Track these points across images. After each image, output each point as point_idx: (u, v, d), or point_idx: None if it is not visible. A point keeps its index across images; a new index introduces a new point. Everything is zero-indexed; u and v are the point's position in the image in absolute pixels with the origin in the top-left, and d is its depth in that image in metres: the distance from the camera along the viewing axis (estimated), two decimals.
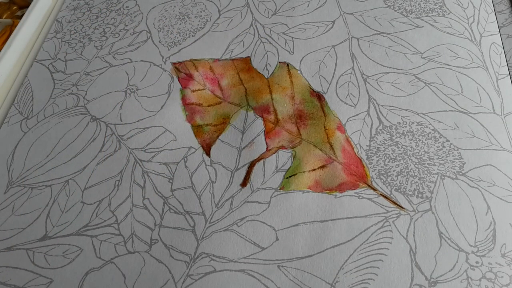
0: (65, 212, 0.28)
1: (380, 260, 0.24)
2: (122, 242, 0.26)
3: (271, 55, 0.33)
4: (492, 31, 0.33)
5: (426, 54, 0.32)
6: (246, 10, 0.37)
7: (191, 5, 0.38)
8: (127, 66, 0.35)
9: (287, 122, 0.30)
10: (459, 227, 0.25)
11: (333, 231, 0.25)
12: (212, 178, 0.28)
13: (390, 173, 0.27)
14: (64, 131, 0.31)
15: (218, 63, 0.34)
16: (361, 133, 0.29)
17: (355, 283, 0.23)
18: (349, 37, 0.34)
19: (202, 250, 0.25)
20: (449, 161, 0.27)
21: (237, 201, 0.27)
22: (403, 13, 0.34)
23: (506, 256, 0.24)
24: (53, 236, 0.27)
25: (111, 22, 0.38)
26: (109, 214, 0.27)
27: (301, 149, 0.28)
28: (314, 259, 0.24)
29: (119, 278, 0.25)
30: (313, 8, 0.36)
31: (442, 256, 0.24)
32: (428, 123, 0.29)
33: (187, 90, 0.32)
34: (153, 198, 0.28)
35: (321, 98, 0.31)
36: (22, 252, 0.26)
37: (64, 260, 0.26)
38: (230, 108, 0.31)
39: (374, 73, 0.31)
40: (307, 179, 0.27)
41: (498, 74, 0.30)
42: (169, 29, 0.37)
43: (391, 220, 0.25)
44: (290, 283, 0.24)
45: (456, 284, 0.23)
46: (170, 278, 0.25)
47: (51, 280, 0.25)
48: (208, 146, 0.29)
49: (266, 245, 0.25)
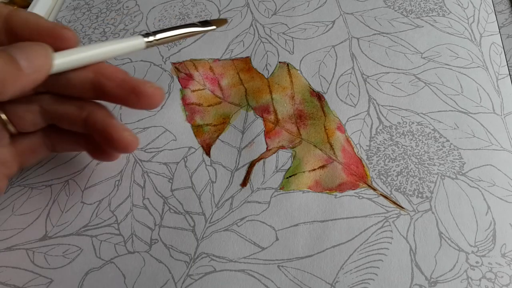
0: (65, 212, 0.28)
1: (380, 260, 0.24)
2: (122, 242, 0.26)
3: (271, 55, 0.33)
4: (492, 31, 0.33)
5: (426, 54, 0.32)
6: (246, 10, 0.37)
7: (191, 5, 0.38)
8: (127, 66, 0.35)
9: (287, 122, 0.30)
10: (459, 227, 0.25)
11: (333, 231, 0.25)
12: (212, 178, 0.28)
13: (390, 173, 0.27)
14: None
15: (218, 63, 0.34)
16: (361, 133, 0.29)
17: (355, 283, 0.23)
18: (349, 37, 0.34)
19: (202, 250, 0.25)
20: (449, 161, 0.27)
21: (237, 201, 0.27)
22: (403, 13, 0.34)
23: (506, 256, 0.24)
24: (53, 236, 0.27)
25: (111, 22, 0.38)
26: (109, 214, 0.27)
27: (301, 149, 0.28)
28: (314, 259, 0.24)
29: (119, 278, 0.25)
30: (313, 8, 0.36)
31: (442, 256, 0.24)
32: (428, 123, 0.29)
33: (187, 90, 0.32)
34: (153, 198, 0.28)
35: (321, 98, 0.31)
36: (22, 252, 0.26)
37: (64, 260, 0.26)
38: (230, 108, 0.31)
39: (374, 73, 0.31)
40: (307, 179, 0.27)
41: (498, 74, 0.30)
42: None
43: (391, 220, 0.25)
44: (290, 283, 0.24)
45: (456, 284, 0.23)
46: (170, 278, 0.25)
47: (51, 280, 0.25)
48: (208, 146, 0.29)
49: (266, 245, 0.25)
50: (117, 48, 0.24)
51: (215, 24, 0.29)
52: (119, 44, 0.25)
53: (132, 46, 0.25)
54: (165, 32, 0.27)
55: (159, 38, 0.26)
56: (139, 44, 0.25)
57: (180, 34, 0.27)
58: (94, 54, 0.24)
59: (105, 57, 0.24)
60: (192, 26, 0.28)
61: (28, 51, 0.21)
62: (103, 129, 0.24)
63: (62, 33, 0.23)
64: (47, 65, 0.22)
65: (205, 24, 0.29)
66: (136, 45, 0.25)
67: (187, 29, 0.28)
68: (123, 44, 0.25)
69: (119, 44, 0.25)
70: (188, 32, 0.28)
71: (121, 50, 0.25)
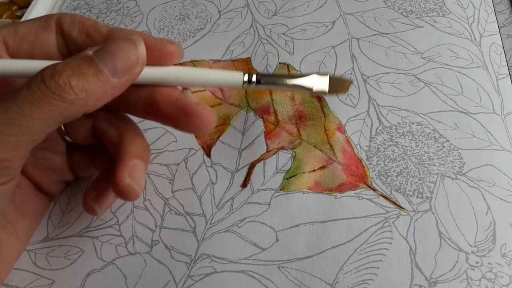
0: (66, 213, 0.28)
1: (380, 261, 0.24)
2: (123, 243, 0.26)
3: (271, 56, 0.34)
4: (492, 31, 0.33)
5: (426, 54, 0.32)
6: (246, 11, 0.37)
7: (191, 6, 0.38)
8: None
9: (287, 123, 0.30)
10: (459, 227, 0.25)
11: (333, 231, 0.25)
12: (212, 179, 0.28)
13: (390, 173, 0.27)
14: None
15: (219, 64, 0.34)
16: (361, 134, 0.29)
17: (355, 283, 0.23)
18: (349, 37, 0.34)
19: (202, 251, 0.25)
20: (449, 161, 0.27)
21: (238, 202, 0.27)
22: (403, 13, 0.34)
23: (506, 256, 0.24)
24: (54, 237, 0.27)
25: (111, 22, 0.38)
26: (110, 215, 0.27)
27: (301, 150, 0.28)
28: (314, 259, 0.24)
29: (120, 279, 0.25)
30: (313, 8, 0.36)
31: (442, 256, 0.24)
32: (428, 123, 0.29)
33: (188, 91, 0.32)
34: (154, 199, 0.28)
35: (321, 99, 0.31)
36: (24, 253, 0.26)
37: (65, 261, 0.26)
38: (230, 109, 0.31)
39: (374, 73, 0.31)
40: (307, 180, 0.27)
41: (498, 74, 0.30)
42: (170, 30, 0.37)
43: (391, 221, 0.25)
44: (290, 283, 0.24)
45: (456, 284, 0.23)
46: (171, 279, 0.25)
47: (52, 281, 0.25)
48: (209, 147, 0.30)
49: (266, 246, 0.25)
50: (214, 78, 0.22)
51: (335, 87, 0.24)
52: (218, 75, 0.22)
53: (229, 81, 0.23)
54: (272, 77, 0.23)
55: (262, 82, 0.23)
56: (237, 81, 0.22)
57: (287, 85, 0.23)
58: (188, 77, 0.22)
59: (197, 84, 0.22)
60: (301, 79, 0.23)
61: (117, 57, 0.19)
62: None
63: (166, 48, 0.21)
64: (135, 74, 0.20)
65: (319, 83, 0.23)
66: (233, 82, 0.23)
67: (297, 82, 0.23)
68: (222, 76, 0.22)
69: (218, 75, 0.22)
70: (296, 86, 0.23)
71: (217, 82, 0.23)
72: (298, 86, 0.23)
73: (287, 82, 0.23)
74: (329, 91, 0.23)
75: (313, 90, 0.23)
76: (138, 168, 0.22)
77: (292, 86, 0.23)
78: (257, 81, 0.23)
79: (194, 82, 0.23)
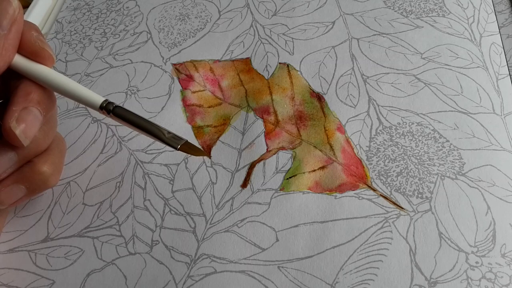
0: (66, 213, 0.28)
1: (380, 261, 0.24)
2: (123, 243, 0.26)
3: (271, 56, 0.34)
4: (492, 31, 0.33)
5: (426, 55, 0.32)
6: (246, 11, 0.37)
7: (191, 6, 0.38)
8: (127, 67, 0.35)
9: (287, 123, 0.30)
10: (459, 227, 0.25)
11: (333, 231, 0.25)
12: (212, 179, 0.28)
13: (390, 173, 0.27)
14: (65, 132, 0.32)
15: (219, 64, 0.34)
16: (361, 134, 0.29)
17: (355, 283, 0.23)
18: (349, 37, 0.34)
19: (202, 251, 0.25)
20: (449, 162, 0.27)
21: (238, 202, 0.27)
22: (403, 14, 0.34)
23: (506, 256, 0.24)
24: (55, 237, 0.27)
25: (111, 22, 0.38)
26: (110, 216, 0.27)
27: (301, 150, 0.29)
28: (314, 260, 0.24)
29: (120, 279, 0.25)
30: (313, 8, 0.36)
31: (442, 256, 0.24)
32: (428, 123, 0.29)
33: (188, 91, 0.32)
34: (154, 199, 0.28)
35: (321, 99, 0.31)
36: (25, 254, 0.26)
37: (66, 262, 0.26)
38: (230, 109, 0.31)
39: (374, 73, 0.31)
40: (307, 180, 0.27)
41: (498, 74, 0.30)
42: (170, 30, 0.37)
43: (391, 221, 0.25)
44: (290, 284, 0.24)
45: (456, 284, 0.23)
46: (171, 279, 0.25)
47: (53, 282, 0.25)
48: (209, 147, 0.30)
49: (266, 246, 0.25)
50: (78, 92, 0.24)
51: (186, 149, 0.25)
52: (82, 91, 0.24)
53: (88, 101, 0.24)
54: (128, 114, 0.25)
55: (116, 114, 0.24)
56: (95, 103, 0.24)
57: (137, 129, 0.25)
58: (50, 78, 0.23)
59: (61, 90, 0.24)
60: (157, 131, 0.25)
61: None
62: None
63: (45, 51, 0.23)
64: (19, 22, 0.22)
65: (174, 140, 0.24)
66: (92, 102, 0.24)
67: (151, 129, 0.25)
68: (83, 93, 0.24)
69: (82, 91, 0.24)
70: (147, 134, 0.25)
71: (76, 96, 0.24)
72: (151, 133, 0.24)
73: (142, 125, 0.25)
74: (179, 149, 0.24)
75: (164, 140, 0.24)
76: (30, 114, 0.22)
77: (146, 131, 0.24)
78: (112, 111, 0.24)
79: (59, 88, 0.24)
